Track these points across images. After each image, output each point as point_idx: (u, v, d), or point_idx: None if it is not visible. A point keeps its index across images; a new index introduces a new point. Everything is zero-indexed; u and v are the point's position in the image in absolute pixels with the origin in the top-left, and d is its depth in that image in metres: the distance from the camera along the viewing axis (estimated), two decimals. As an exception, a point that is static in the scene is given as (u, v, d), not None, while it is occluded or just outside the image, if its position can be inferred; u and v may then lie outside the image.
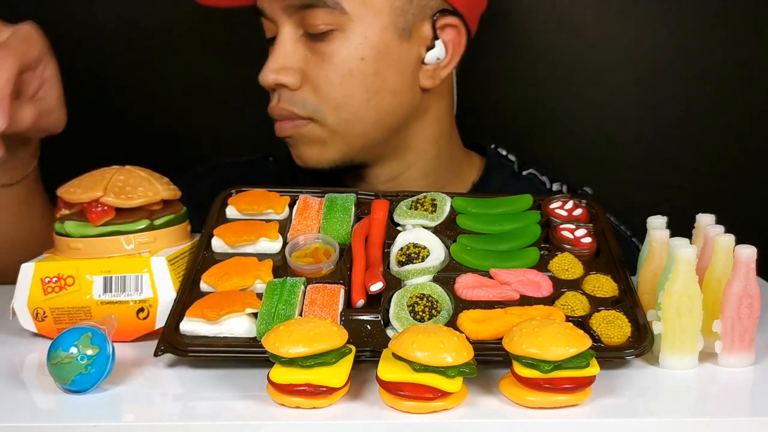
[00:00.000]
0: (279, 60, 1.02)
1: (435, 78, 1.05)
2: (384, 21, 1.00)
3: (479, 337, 0.74)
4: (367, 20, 1.00)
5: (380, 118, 1.04)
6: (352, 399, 0.69)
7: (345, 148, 1.05)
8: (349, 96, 1.01)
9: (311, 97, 1.02)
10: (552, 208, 0.91)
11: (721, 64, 1.36)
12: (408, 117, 1.06)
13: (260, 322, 0.76)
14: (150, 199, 0.85)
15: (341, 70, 1.00)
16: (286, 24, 1.01)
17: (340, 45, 1.00)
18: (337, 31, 1.00)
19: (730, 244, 0.76)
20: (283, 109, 1.03)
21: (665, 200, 1.39)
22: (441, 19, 1.04)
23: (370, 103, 1.02)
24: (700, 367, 0.76)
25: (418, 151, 1.10)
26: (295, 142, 1.06)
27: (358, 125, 1.03)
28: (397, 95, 1.04)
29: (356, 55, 1.00)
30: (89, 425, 0.65)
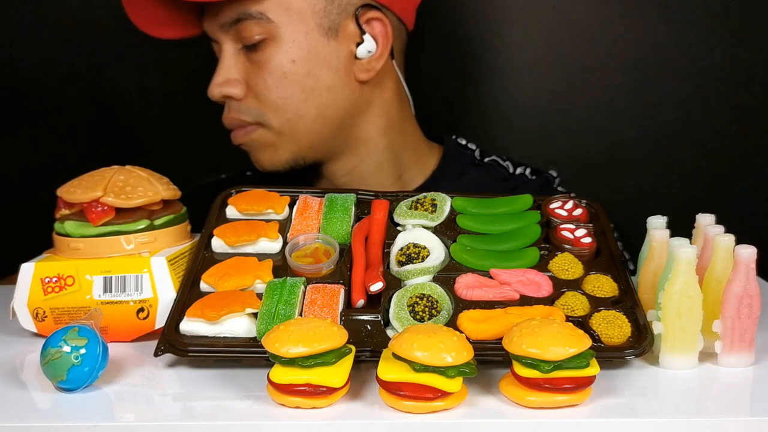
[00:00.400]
0: (223, 74, 1.08)
1: (370, 70, 1.09)
2: (309, 24, 1.05)
3: (479, 337, 0.74)
4: (292, 26, 1.05)
5: (320, 114, 1.08)
6: (352, 399, 0.69)
7: (294, 147, 1.09)
8: (287, 97, 1.06)
9: (254, 103, 1.08)
10: (552, 208, 0.91)
11: (721, 64, 1.36)
12: (351, 111, 1.10)
13: (260, 322, 0.76)
14: (150, 199, 0.86)
15: (276, 74, 1.06)
16: (226, 40, 1.07)
17: (272, 51, 1.05)
18: (269, 40, 1.05)
19: (730, 244, 0.76)
20: (233, 119, 1.09)
21: (665, 200, 1.39)
22: (364, 14, 1.08)
23: (308, 102, 1.07)
24: (700, 367, 0.76)
25: (369, 143, 1.13)
26: (250, 149, 1.11)
27: (300, 124, 1.08)
28: (332, 91, 1.08)
29: (287, 58, 1.05)
30: (89, 425, 0.65)
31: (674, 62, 1.37)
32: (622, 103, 1.38)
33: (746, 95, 1.38)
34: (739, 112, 1.38)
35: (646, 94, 1.38)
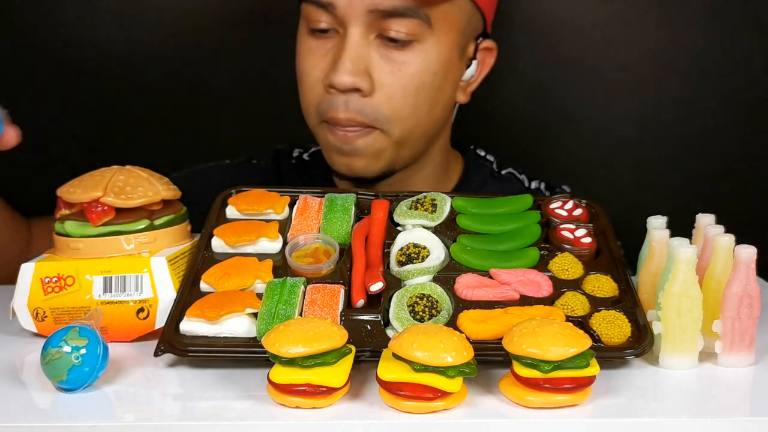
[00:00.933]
0: (354, 61, 0.99)
1: (467, 94, 1.10)
2: (454, 38, 1.03)
3: (479, 337, 0.74)
4: (442, 36, 1.01)
5: (430, 130, 1.06)
6: (352, 399, 0.69)
7: (396, 157, 1.05)
8: (417, 108, 1.02)
9: (384, 106, 1.01)
10: (552, 208, 0.91)
11: (721, 64, 1.36)
12: (441, 128, 1.10)
13: (260, 322, 0.76)
14: (150, 199, 0.85)
15: (416, 83, 1.01)
16: (361, 25, 0.99)
17: (417, 56, 1.00)
18: (417, 42, 1.00)
19: (730, 244, 0.76)
20: (353, 119, 1.01)
21: (665, 200, 1.38)
22: (483, 42, 1.08)
23: (429, 116, 1.04)
24: (700, 367, 0.76)
25: (429, 158, 1.11)
26: (352, 152, 1.04)
27: (415, 136, 1.04)
28: (446, 109, 1.07)
29: (430, 68, 1.01)
30: (89, 425, 0.65)
31: (674, 62, 1.37)
32: (622, 103, 1.38)
33: (746, 95, 1.38)
34: (739, 112, 1.38)
35: (646, 94, 1.38)
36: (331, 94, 1.02)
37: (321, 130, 1.05)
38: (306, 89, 1.05)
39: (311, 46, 1.04)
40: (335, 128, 1.03)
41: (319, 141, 1.08)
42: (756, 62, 1.37)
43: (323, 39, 1.03)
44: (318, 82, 1.03)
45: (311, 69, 1.04)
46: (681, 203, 1.36)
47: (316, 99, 1.04)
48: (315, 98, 1.04)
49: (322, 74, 1.02)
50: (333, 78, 0.99)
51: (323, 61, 1.02)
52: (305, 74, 1.05)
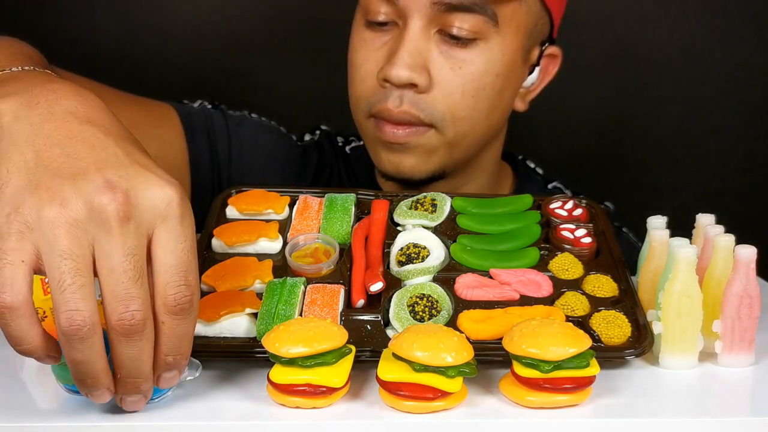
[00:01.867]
0: (412, 55, 0.95)
1: (525, 102, 1.05)
2: (519, 40, 0.98)
3: (479, 337, 0.74)
4: (508, 37, 0.97)
5: (485, 135, 1.01)
6: (352, 399, 0.69)
7: (447, 160, 1.01)
8: (476, 110, 0.98)
9: (441, 104, 0.97)
10: (552, 208, 0.91)
11: (721, 64, 1.36)
12: (495, 135, 1.06)
13: (260, 322, 0.76)
14: (150, 199, 0.85)
15: (477, 83, 0.97)
16: (422, 18, 0.95)
17: (479, 55, 0.96)
18: (480, 41, 0.96)
19: (730, 244, 0.76)
20: (408, 113, 0.97)
21: (665, 200, 1.39)
22: (549, 48, 1.03)
23: (487, 120, 1.00)
24: (700, 367, 0.76)
25: (484, 167, 1.08)
26: (402, 150, 1.00)
27: (469, 139, 1.00)
28: (504, 114, 1.03)
29: (493, 70, 0.97)
30: (89, 425, 0.65)
31: (674, 62, 1.37)
32: (622, 103, 1.38)
33: (746, 95, 1.38)
34: (739, 112, 1.39)
35: (646, 94, 1.38)
36: (385, 89, 0.98)
37: (369, 125, 1.02)
38: (357, 81, 1.01)
39: (366, 38, 1.00)
40: (385, 124, 0.99)
41: (365, 137, 1.04)
42: (756, 62, 1.37)
43: (381, 32, 0.99)
44: (371, 74, 0.99)
45: (364, 61, 1.00)
46: (681, 203, 1.36)
47: (368, 92, 1.00)
48: (366, 91, 1.00)
49: (376, 67, 0.98)
50: (389, 71, 0.95)
51: (378, 54, 0.99)
52: (358, 66, 1.01)
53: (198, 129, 1.10)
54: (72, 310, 0.57)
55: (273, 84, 1.36)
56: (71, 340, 0.58)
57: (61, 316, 0.57)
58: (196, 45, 1.38)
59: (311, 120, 1.22)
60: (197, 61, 1.39)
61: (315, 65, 1.37)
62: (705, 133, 1.38)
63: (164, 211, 0.59)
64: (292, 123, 1.21)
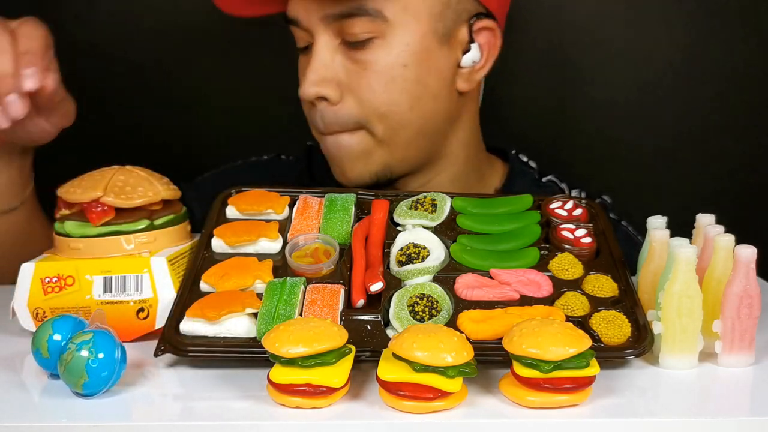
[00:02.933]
0: (319, 71, 0.99)
1: (471, 81, 1.05)
2: (424, 27, 0.99)
3: (479, 337, 0.74)
4: (408, 26, 0.98)
5: (423, 126, 1.02)
6: (352, 399, 0.69)
7: (388, 158, 1.03)
8: (393, 104, 1.00)
9: (355, 108, 1.00)
10: (552, 208, 0.91)
11: (721, 64, 1.36)
12: (446, 123, 1.05)
13: (260, 322, 0.76)
14: (150, 199, 0.86)
15: (384, 78, 0.99)
16: (323, 33, 0.99)
17: (381, 52, 0.98)
18: (378, 39, 0.98)
19: (730, 244, 0.76)
20: (331, 125, 1.02)
21: (665, 200, 1.39)
22: (477, 23, 1.03)
23: (414, 111, 1.01)
24: (700, 367, 0.76)
25: (451, 156, 1.08)
26: (342, 156, 1.04)
27: (402, 134, 1.01)
28: (437, 101, 1.02)
29: (399, 61, 0.98)
30: (89, 425, 0.65)
31: (674, 62, 1.37)
32: (622, 102, 1.38)
33: (746, 95, 1.38)
34: (739, 112, 1.38)
35: (647, 94, 1.38)
36: (312, 109, 1.03)
37: (321, 141, 1.06)
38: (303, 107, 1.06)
39: (301, 64, 1.05)
40: (326, 137, 1.04)
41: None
42: (756, 62, 1.37)
43: (307, 56, 1.03)
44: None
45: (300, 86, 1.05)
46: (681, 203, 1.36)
47: (307, 114, 1.06)
48: (306, 113, 1.06)
49: None
50: (300, 91, 1.01)
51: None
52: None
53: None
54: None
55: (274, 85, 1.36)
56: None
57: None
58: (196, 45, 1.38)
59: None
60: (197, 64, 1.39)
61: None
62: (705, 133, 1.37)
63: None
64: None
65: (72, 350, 0.67)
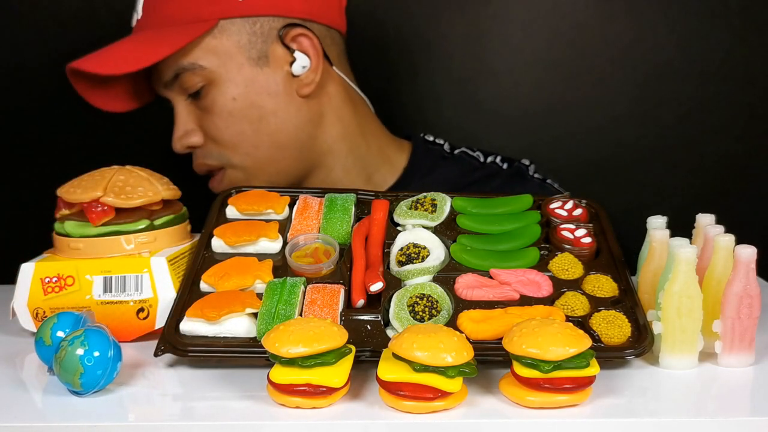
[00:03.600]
0: (180, 127, 1.10)
1: (310, 84, 1.10)
2: (238, 60, 1.07)
3: (479, 337, 0.74)
4: (224, 66, 1.07)
5: (274, 140, 1.09)
6: (352, 399, 0.69)
7: (265, 177, 1.11)
8: (239, 133, 1.08)
9: (214, 147, 1.10)
10: (552, 208, 0.91)
11: (721, 64, 1.36)
12: (304, 128, 1.11)
13: (260, 322, 0.76)
14: (150, 199, 0.86)
15: (223, 115, 1.08)
16: (173, 96, 1.10)
17: (214, 95, 1.08)
18: (209, 85, 1.07)
19: (730, 244, 0.76)
20: (201, 165, 1.12)
21: (665, 200, 1.39)
22: (287, 34, 1.09)
23: (259, 132, 1.09)
24: (700, 367, 0.76)
25: (332, 152, 1.14)
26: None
27: (259, 155, 1.10)
28: (279, 115, 1.09)
29: (228, 97, 1.07)
30: (89, 425, 0.65)
31: (674, 62, 1.37)
32: (622, 103, 1.38)
33: (746, 95, 1.38)
34: (739, 112, 1.38)
35: (646, 94, 1.38)
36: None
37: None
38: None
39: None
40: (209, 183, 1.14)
41: None
42: (756, 62, 1.37)
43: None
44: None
45: None
46: (681, 203, 1.36)
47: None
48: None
49: None
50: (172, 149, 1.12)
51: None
52: None
53: None
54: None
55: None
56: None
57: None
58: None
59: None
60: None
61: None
62: (705, 133, 1.37)
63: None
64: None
65: (65, 347, 0.67)
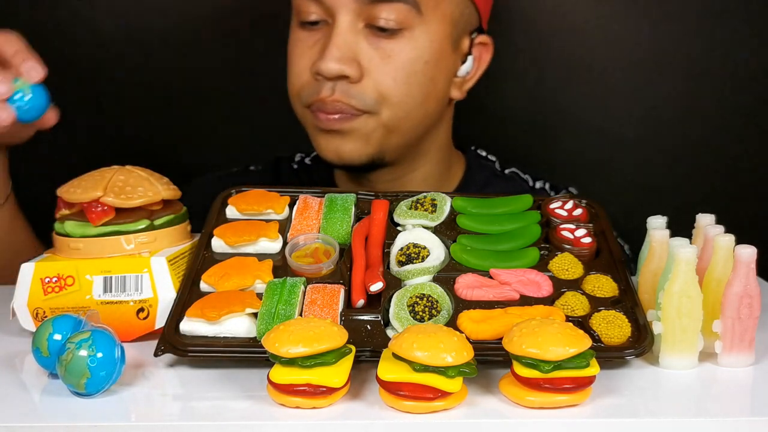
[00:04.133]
0: (341, 49, 1.00)
1: (462, 91, 1.09)
2: (447, 28, 1.02)
3: (479, 337, 0.74)
4: (434, 25, 1.01)
5: (422, 122, 1.06)
6: (352, 399, 0.69)
7: (384, 144, 1.05)
8: (409, 96, 1.02)
9: (372, 92, 1.02)
10: (552, 208, 0.91)
11: (721, 64, 1.36)
12: (433, 123, 1.09)
13: (260, 322, 0.76)
14: (150, 199, 0.85)
15: (406, 70, 1.01)
16: (348, 13, 1.00)
17: (406, 45, 1.01)
18: (406, 30, 1.00)
19: (730, 244, 0.76)
20: (340, 102, 1.02)
21: (665, 200, 1.39)
22: (478, 37, 1.07)
23: (422, 106, 1.04)
24: (700, 367, 0.76)
25: (427, 156, 1.12)
26: (338, 136, 1.05)
27: (405, 124, 1.04)
28: (439, 102, 1.06)
29: (421, 57, 1.01)
30: (89, 425, 0.65)
31: (674, 62, 1.37)
32: (622, 103, 1.38)
33: (746, 95, 1.38)
34: (739, 112, 1.38)
35: (646, 94, 1.38)
36: (318, 81, 1.03)
37: (307, 116, 1.07)
38: (293, 77, 1.06)
39: (301, 38, 1.05)
40: (320, 113, 1.04)
41: (306, 128, 1.09)
42: (756, 62, 1.37)
43: (313, 30, 1.04)
44: (305, 69, 1.04)
45: (299, 58, 1.05)
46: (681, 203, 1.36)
47: (304, 86, 1.05)
48: (302, 85, 1.05)
49: (310, 63, 1.04)
50: (320, 65, 1.01)
51: (312, 51, 1.04)
52: (293, 63, 1.06)
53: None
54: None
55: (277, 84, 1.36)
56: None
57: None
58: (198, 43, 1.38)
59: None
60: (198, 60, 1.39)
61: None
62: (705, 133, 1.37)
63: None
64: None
65: (71, 350, 0.67)
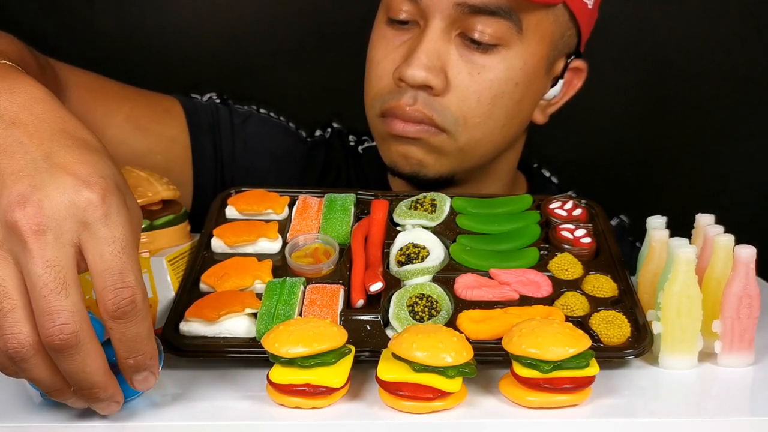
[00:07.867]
0: (430, 56, 0.92)
1: (545, 115, 1.02)
2: (543, 50, 0.95)
3: (479, 337, 0.74)
4: (532, 45, 0.94)
5: (500, 144, 0.99)
6: (352, 399, 0.69)
7: (457, 166, 0.99)
8: (491, 118, 0.95)
9: (455, 108, 0.94)
10: (552, 208, 0.91)
11: (722, 64, 1.37)
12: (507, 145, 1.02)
13: (260, 322, 0.76)
14: (150, 199, 0.85)
15: (495, 90, 0.94)
16: (444, 19, 0.93)
17: (500, 62, 0.93)
18: (502, 47, 0.93)
19: (730, 244, 0.76)
20: (420, 112, 0.95)
21: (665, 200, 1.39)
22: (575, 61, 1.00)
23: (503, 129, 0.97)
24: (700, 367, 0.76)
25: (497, 177, 1.06)
26: (413, 142, 0.97)
27: (482, 147, 0.98)
28: (522, 124, 1.00)
29: (513, 78, 0.94)
30: (89, 425, 0.65)
31: (674, 62, 1.37)
32: (622, 103, 1.38)
33: (745, 95, 1.38)
34: (739, 112, 1.39)
35: (646, 94, 1.38)
36: (400, 87, 0.95)
37: (379, 123, 0.99)
38: (373, 79, 0.99)
39: (387, 35, 0.98)
40: (395, 119, 0.96)
41: (375, 135, 1.02)
42: (756, 62, 1.37)
43: (401, 30, 0.97)
44: (387, 72, 0.96)
45: (382, 58, 0.98)
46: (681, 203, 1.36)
47: (383, 89, 0.97)
48: (382, 88, 0.98)
49: (393, 65, 0.96)
50: (405, 70, 0.93)
51: (396, 52, 0.97)
52: (376, 63, 0.98)
53: (203, 125, 1.08)
54: (7, 334, 0.57)
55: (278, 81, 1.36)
56: (16, 363, 0.59)
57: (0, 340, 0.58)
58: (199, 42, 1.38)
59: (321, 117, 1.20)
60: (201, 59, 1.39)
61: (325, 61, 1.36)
62: (705, 133, 1.38)
63: (83, 216, 0.58)
64: (302, 121, 1.19)
65: None
